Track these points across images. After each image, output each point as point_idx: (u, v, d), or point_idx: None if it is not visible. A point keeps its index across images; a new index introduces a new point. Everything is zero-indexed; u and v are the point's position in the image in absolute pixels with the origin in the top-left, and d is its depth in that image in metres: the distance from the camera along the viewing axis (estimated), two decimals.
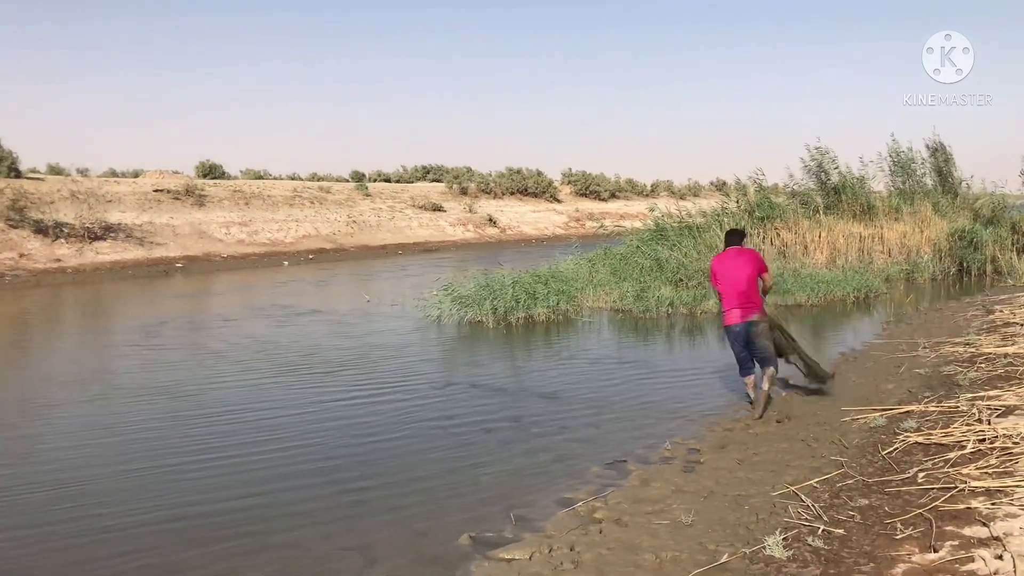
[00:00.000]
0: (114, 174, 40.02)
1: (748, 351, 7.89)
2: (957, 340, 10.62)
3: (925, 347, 10.50)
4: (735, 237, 8.26)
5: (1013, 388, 7.33)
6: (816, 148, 25.19)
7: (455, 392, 9.22)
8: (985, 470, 5.24)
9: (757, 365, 7.96)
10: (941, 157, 26.07)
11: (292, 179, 47.80)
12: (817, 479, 5.63)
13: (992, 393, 7.27)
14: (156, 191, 30.55)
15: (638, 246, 19.65)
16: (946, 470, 5.37)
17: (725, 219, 22.06)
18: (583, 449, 6.90)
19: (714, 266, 8.08)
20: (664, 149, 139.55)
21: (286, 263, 26.80)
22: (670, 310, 14.95)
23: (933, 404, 7.22)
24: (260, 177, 47.47)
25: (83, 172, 34.13)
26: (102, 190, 28.30)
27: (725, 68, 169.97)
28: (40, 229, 23.74)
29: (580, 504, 5.48)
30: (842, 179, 24.80)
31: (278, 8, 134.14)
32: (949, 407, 7.02)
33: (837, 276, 17.34)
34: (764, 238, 21.28)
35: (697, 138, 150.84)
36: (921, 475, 5.38)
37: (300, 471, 6.53)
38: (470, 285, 14.78)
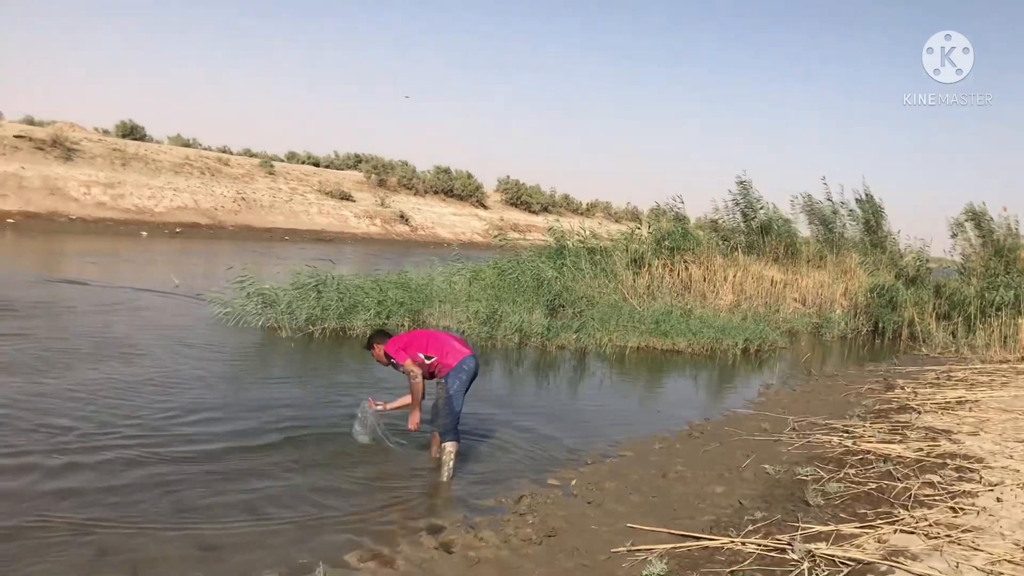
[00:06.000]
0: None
1: None
2: (836, 424, 8.28)
3: (794, 428, 8.14)
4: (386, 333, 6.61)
5: (878, 525, 4.92)
6: (742, 182, 23.15)
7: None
8: None
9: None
10: (870, 209, 24.17)
11: (222, 152, 44.46)
12: None
13: (845, 530, 4.84)
14: (17, 137, 27.06)
15: (518, 262, 17.08)
16: None
17: (632, 244, 19.92)
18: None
19: (396, 342, 6.25)
20: (620, 171, 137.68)
21: (145, 234, 23.68)
22: (517, 339, 12.44)
23: (755, 539, 4.76)
24: (188, 145, 44.14)
25: None
26: None
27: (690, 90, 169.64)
28: None
29: None
30: (767, 219, 22.84)
31: None
32: (775, 547, 4.58)
33: (730, 322, 15.06)
34: (671, 270, 19.05)
35: (660, 162, 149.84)
36: None
37: None
38: (277, 282, 12.11)
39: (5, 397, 6.86)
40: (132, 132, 42.86)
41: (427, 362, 5.99)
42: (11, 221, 21.55)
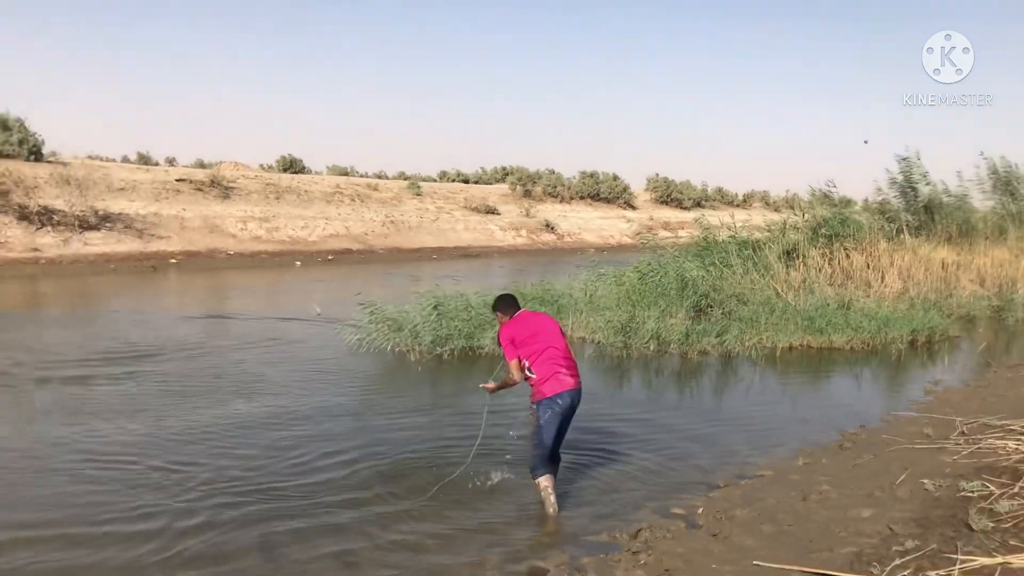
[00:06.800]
0: (169, 163, 38.97)
1: (560, 436, 5.60)
2: (1015, 425, 7.25)
3: (963, 432, 7.20)
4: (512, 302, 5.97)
5: None
6: (904, 159, 21.39)
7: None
8: None
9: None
10: None
11: (377, 177, 46.06)
12: None
13: (1015, 564, 4.08)
14: (179, 180, 28.82)
15: (658, 262, 16.28)
16: None
17: (786, 236, 18.69)
18: None
19: (513, 329, 5.68)
20: (777, 159, 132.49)
21: (299, 263, 24.59)
22: (653, 346, 11.84)
23: None
24: (345, 174, 45.99)
25: (94, 157, 32.42)
26: (97, 175, 25.36)
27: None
28: (25, 215, 22.11)
29: None
30: (932, 195, 21.07)
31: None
32: None
33: (894, 312, 13.82)
34: (830, 259, 17.74)
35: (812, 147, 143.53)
36: None
37: None
38: (407, 306, 12.03)
39: (127, 436, 7.05)
40: (292, 166, 45.25)
41: (527, 375, 5.63)
42: (174, 261, 22.88)
